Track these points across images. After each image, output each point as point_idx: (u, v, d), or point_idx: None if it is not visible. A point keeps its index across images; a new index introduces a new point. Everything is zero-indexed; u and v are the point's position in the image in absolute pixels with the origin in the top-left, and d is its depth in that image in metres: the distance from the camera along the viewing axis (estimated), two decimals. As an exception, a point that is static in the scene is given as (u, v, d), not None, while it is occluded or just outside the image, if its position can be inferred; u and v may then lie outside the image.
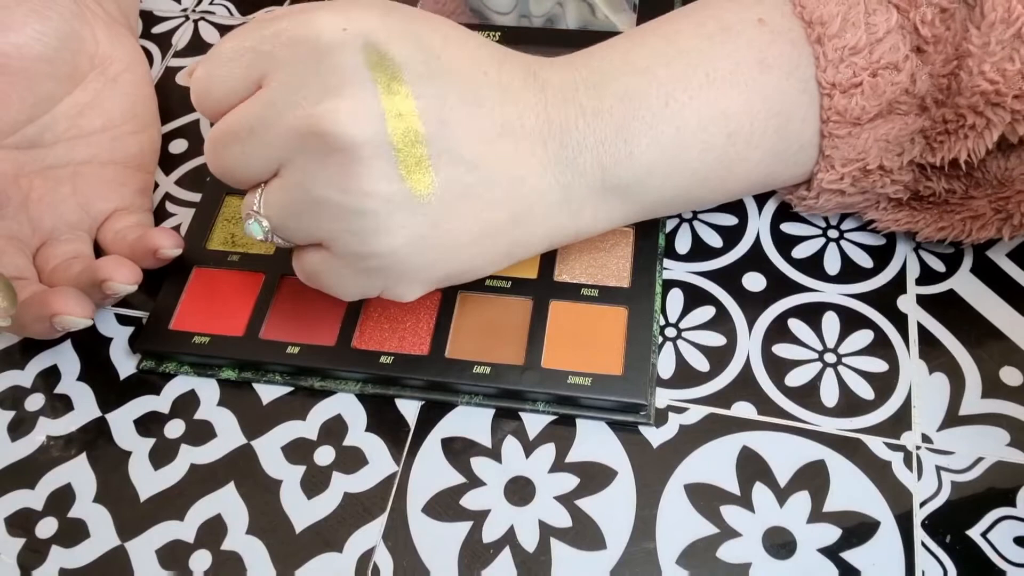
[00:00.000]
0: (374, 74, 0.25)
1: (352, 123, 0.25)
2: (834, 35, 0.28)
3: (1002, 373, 0.31)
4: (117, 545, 0.30)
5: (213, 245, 0.35)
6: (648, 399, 0.30)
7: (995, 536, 0.28)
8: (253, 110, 0.26)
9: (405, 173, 0.26)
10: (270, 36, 0.26)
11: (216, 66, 0.27)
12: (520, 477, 0.30)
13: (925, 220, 0.32)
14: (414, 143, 0.25)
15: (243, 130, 0.26)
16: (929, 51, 0.28)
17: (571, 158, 0.28)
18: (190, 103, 0.28)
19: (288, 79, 0.25)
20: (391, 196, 0.26)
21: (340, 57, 0.25)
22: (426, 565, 0.29)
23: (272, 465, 0.31)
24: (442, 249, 0.27)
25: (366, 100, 0.25)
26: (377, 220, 0.26)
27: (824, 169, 0.30)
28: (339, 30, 0.25)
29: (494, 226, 0.28)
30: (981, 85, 0.27)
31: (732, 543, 0.28)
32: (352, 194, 0.25)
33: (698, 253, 0.34)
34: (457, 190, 0.26)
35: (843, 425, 0.30)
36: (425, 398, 0.32)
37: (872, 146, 0.29)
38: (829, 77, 0.28)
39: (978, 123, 0.28)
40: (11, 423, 0.32)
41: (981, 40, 0.27)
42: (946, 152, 0.29)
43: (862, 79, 0.28)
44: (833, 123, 0.29)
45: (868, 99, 0.28)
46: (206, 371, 0.33)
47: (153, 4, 0.46)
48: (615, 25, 0.41)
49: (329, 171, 0.25)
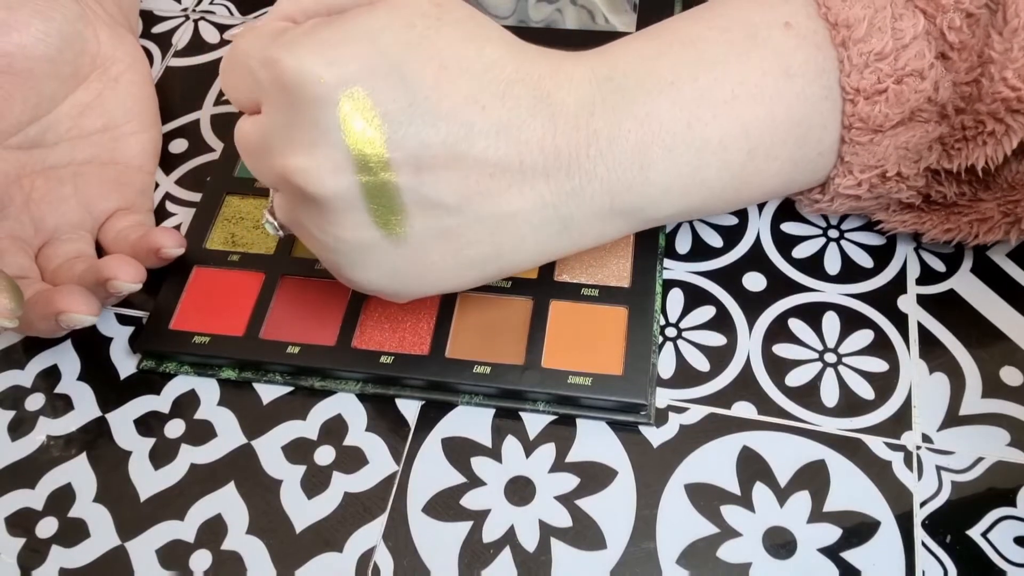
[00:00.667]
0: (347, 131, 0.24)
1: (322, 182, 0.25)
2: (860, 39, 0.27)
3: (1002, 373, 0.31)
4: (117, 545, 0.30)
5: (213, 245, 0.35)
6: (648, 399, 0.30)
7: (995, 536, 0.28)
8: (253, 138, 0.27)
9: (379, 221, 0.26)
10: (265, 63, 0.25)
11: (229, 70, 0.28)
12: (520, 477, 0.30)
13: (932, 222, 0.32)
14: (387, 194, 0.25)
15: (247, 152, 0.28)
16: (954, 58, 0.27)
17: (577, 188, 0.27)
18: (190, 103, 0.28)
19: (274, 118, 0.26)
20: (363, 241, 0.26)
21: (315, 113, 0.24)
22: (426, 565, 0.29)
23: (272, 465, 0.31)
24: (419, 278, 0.28)
25: (337, 159, 0.25)
26: (351, 258, 0.27)
27: (842, 174, 0.30)
28: (318, 82, 0.24)
29: (479, 259, 0.27)
30: (1002, 92, 0.27)
31: (732, 543, 0.28)
32: (328, 235, 0.27)
33: (698, 253, 0.34)
34: (436, 231, 0.26)
35: (843, 425, 0.30)
36: (425, 398, 0.32)
37: (892, 153, 0.29)
38: (853, 82, 0.27)
39: (997, 130, 0.27)
40: (11, 423, 0.32)
41: (1003, 46, 0.26)
42: (963, 159, 0.29)
43: (887, 85, 0.27)
44: (856, 130, 0.28)
45: (892, 106, 0.27)
46: (206, 371, 0.33)
47: (153, 4, 0.46)
48: (615, 27, 0.41)
49: (309, 211, 0.26)
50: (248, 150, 0.28)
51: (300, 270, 0.34)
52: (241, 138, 0.28)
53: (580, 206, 0.27)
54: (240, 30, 0.28)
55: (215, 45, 0.44)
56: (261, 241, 0.35)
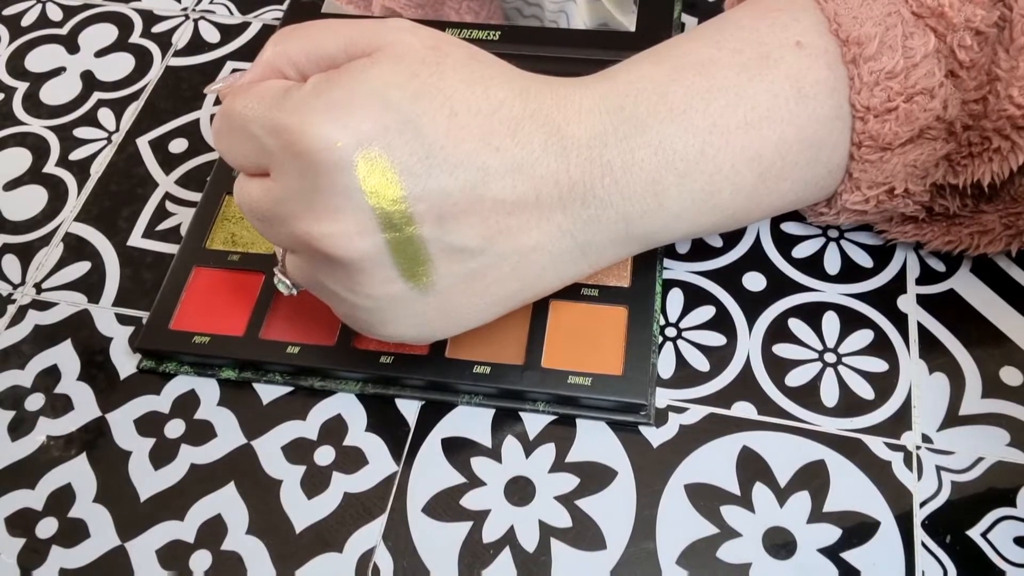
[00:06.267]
0: (368, 191, 0.24)
1: (349, 245, 0.25)
2: (871, 57, 0.27)
3: (1002, 373, 0.31)
4: (117, 545, 0.30)
5: (213, 245, 0.35)
6: (648, 399, 0.30)
7: (995, 536, 0.28)
8: (264, 204, 0.26)
9: (406, 274, 0.26)
10: (273, 130, 0.25)
11: (226, 133, 0.26)
12: (520, 477, 0.30)
13: (933, 232, 0.32)
14: (413, 247, 0.25)
15: (255, 216, 0.27)
16: (963, 76, 0.27)
17: (593, 217, 0.27)
18: (190, 103, 0.28)
19: (288, 184, 0.25)
20: (392, 295, 0.26)
21: (335, 177, 0.24)
22: (426, 565, 0.29)
23: (272, 465, 0.31)
24: (446, 321, 0.28)
25: (361, 221, 0.25)
26: (380, 315, 0.27)
27: (849, 190, 0.29)
28: (334, 147, 0.24)
29: (504, 295, 0.28)
30: (1008, 109, 0.27)
31: (732, 543, 0.28)
32: (358, 295, 0.26)
33: (698, 253, 0.34)
34: (461, 275, 0.26)
35: (843, 425, 0.30)
36: (425, 398, 0.32)
37: (900, 171, 0.29)
38: (863, 100, 0.27)
39: (1003, 146, 0.27)
40: (11, 423, 0.32)
41: (1009, 64, 0.26)
42: (969, 175, 0.29)
43: (897, 104, 0.27)
44: (866, 147, 0.28)
45: (901, 125, 0.27)
46: (206, 371, 0.33)
47: (153, 3, 0.46)
48: (621, 24, 0.41)
49: (334, 273, 0.26)
50: (258, 215, 0.27)
51: (300, 270, 0.34)
52: (249, 202, 0.27)
53: (597, 233, 0.27)
54: (227, 87, 0.27)
55: (215, 45, 0.44)
56: (261, 241, 0.35)
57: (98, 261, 0.37)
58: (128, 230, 0.37)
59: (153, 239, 0.37)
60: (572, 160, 0.26)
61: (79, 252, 0.37)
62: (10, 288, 0.36)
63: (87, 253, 0.37)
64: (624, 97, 0.27)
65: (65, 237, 0.37)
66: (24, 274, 0.36)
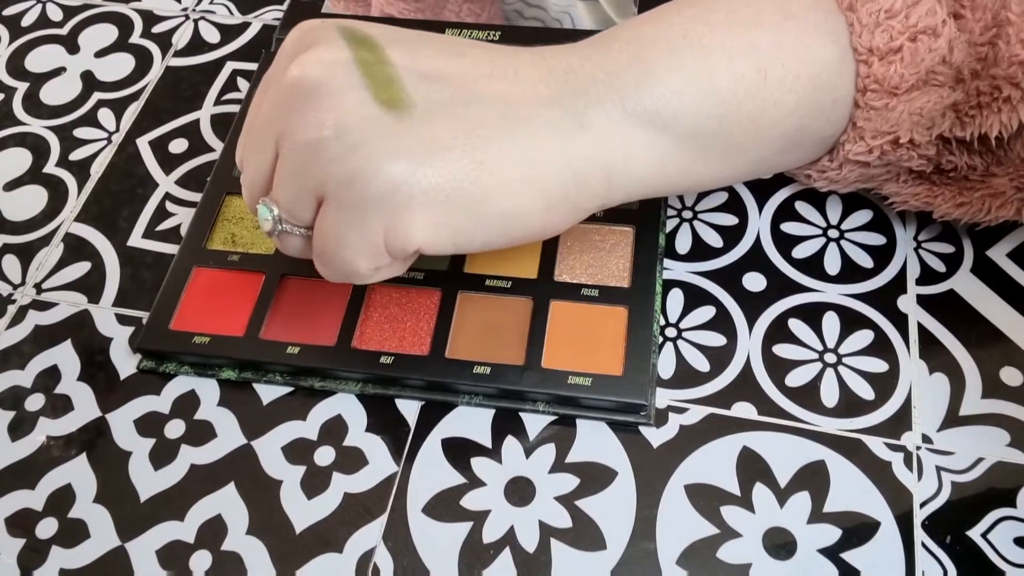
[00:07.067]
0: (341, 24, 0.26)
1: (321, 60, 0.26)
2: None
3: (1002, 373, 0.31)
4: (117, 545, 0.30)
5: (213, 245, 0.35)
6: (648, 399, 0.30)
7: (995, 537, 0.28)
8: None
9: (379, 97, 0.26)
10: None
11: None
12: (520, 477, 0.30)
13: (943, 196, 0.31)
14: (383, 70, 0.26)
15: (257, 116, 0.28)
16: (967, 16, 0.27)
17: (579, 89, 0.27)
18: (190, 103, 0.28)
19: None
20: (368, 118, 0.25)
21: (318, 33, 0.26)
22: (426, 565, 0.29)
23: (272, 465, 0.31)
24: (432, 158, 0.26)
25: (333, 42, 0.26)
26: (367, 149, 0.25)
27: (853, 140, 0.29)
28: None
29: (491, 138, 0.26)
30: (1020, 55, 0.26)
31: (732, 543, 0.28)
32: (335, 126, 0.25)
33: (698, 253, 0.34)
34: (437, 102, 0.26)
35: (843, 425, 0.30)
36: (425, 398, 0.32)
37: (905, 119, 0.28)
38: (865, 42, 0.27)
39: (1013, 95, 0.27)
40: (11, 423, 0.32)
41: (1020, 8, 0.26)
42: (976, 127, 0.28)
43: (901, 43, 0.27)
44: (871, 92, 0.28)
45: (907, 67, 0.27)
46: (206, 371, 0.33)
47: (153, 3, 0.46)
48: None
49: (307, 118, 0.26)
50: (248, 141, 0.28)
51: (300, 270, 0.34)
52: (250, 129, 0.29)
53: (589, 104, 0.27)
54: None
55: (215, 45, 0.44)
56: (261, 241, 0.35)
57: (98, 261, 0.37)
58: (128, 230, 0.37)
59: (153, 239, 0.37)
60: (547, 53, 0.28)
61: (79, 252, 0.37)
62: (10, 288, 0.36)
63: (87, 253, 0.37)
64: (598, 36, 0.29)
65: (65, 237, 0.37)
66: (24, 274, 0.36)
